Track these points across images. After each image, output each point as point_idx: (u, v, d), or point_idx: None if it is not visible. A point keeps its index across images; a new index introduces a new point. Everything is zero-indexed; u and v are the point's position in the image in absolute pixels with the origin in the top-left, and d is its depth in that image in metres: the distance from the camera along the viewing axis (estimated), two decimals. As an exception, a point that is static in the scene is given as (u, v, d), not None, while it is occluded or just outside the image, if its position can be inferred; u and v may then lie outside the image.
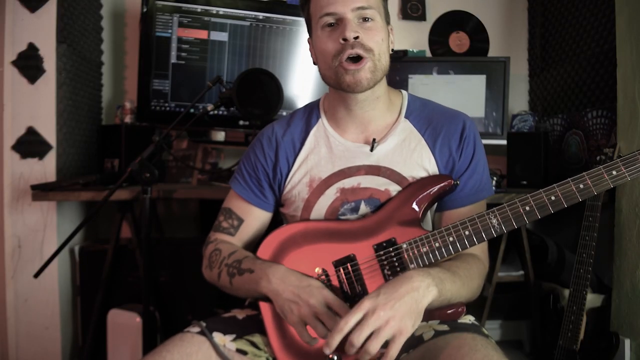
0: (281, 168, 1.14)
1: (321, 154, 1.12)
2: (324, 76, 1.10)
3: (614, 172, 0.93)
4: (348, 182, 1.09)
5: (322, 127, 1.15)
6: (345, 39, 1.01)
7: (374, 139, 1.10)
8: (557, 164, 2.08)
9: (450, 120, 1.11)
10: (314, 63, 1.13)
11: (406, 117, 1.13)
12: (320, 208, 1.10)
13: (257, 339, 1.05)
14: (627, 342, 1.63)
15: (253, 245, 1.18)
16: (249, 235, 1.18)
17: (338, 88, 1.07)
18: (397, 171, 1.08)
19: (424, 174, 1.08)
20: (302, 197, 1.11)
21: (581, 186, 0.94)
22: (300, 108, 1.22)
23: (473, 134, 1.11)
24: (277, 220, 1.23)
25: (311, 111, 1.18)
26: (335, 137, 1.13)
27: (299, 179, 1.12)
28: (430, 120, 1.13)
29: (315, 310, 0.93)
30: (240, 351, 1.01)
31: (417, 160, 1.09)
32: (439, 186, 1.04)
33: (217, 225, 1.19)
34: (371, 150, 1.09)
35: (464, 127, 1.10)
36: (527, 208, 0.95)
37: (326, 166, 1.11)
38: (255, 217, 1.18)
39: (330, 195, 1.09)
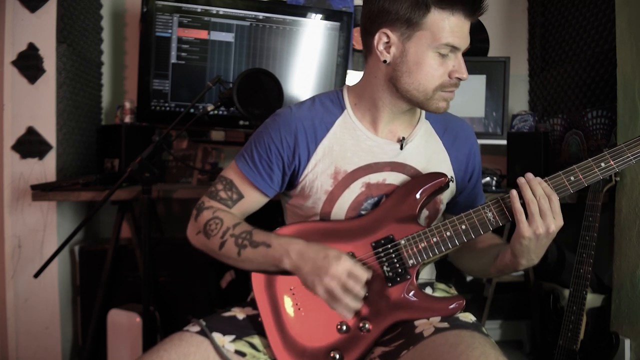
0: (300, 154, 1.09)
1: (346, 146, 1.09)
2: (407, 90, 1.03)
3: (603, 164, 0.96)
4: (374, 177, 1.08)
5: (348, 118, 1.11)
6: (460, 79, 1.03)
7: (403, 137, 1.11)
8: (557, 164, 2.08)
9: (462, 126, 1.19)
10: (384, 61, 1.03)
11: (426, 118, 1.16)
12: (344, 202, 1.08)
13: (256, 340, 1.05)
14: (627, 342, 1.63)
15: None
16: (243, 213, 1.14)
17: (420, 104, 1.06)
18: (419, 170, 1.10)
19: None
20: (325, 189, 1.08)
21: (572, 178, 0.97)
22: (317, 96, 1.16)
23: (476, 145, 1.20)
24: (270, 216, 1.21)
25: (332, 101, 1.14)
26: (363, 131, 1.10)
27: (323, 169, 1.09)
28: (446, 124, 1.17)
29: (338, 280, 0.95)
30: (239, 352, 1.01)
31: (436, 162, 1.13)
32: (433, 183, 1.05)
33: (214, 192, 1.13)
34: (401, 148, 1.10)
35: (473, 136, 1.20)
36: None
37: (352, 159, 1.09)
38: (255, 198, 1.13)
39: (355, 190, 1.08)
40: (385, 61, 1.03)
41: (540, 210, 0.94)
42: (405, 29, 1.00)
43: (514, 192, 0.96)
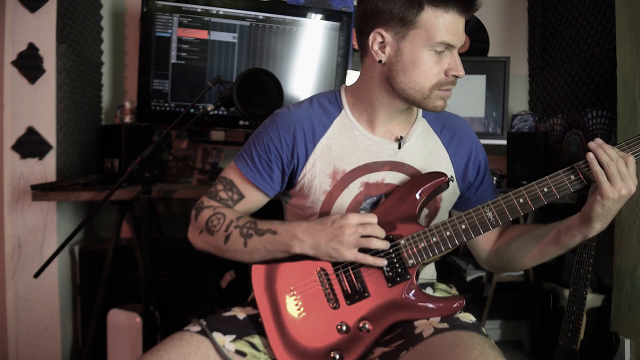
0: (299, 153, 1.09)
1: (344, 145, 1.09)
2: (403, 89, 1.03)
3: None
4: (372, 177, 1.09)
5: (346, 118, 1.11)
6: (456, 76, 1.02)
7: (400, 137, 1.10)
8: (557, 164, 2.08)
9: (459, 123, 1.17)
10: (380, 61, 1.03)
11: (423, 116, 1.16)
12: (343, 202, 1.08)
13: (256, 340, 1.05)
14: (627, 342, 1.63)
15: None
16: (244, 213, 1.14)
17: (417, 103, 1.05)
18: (418, 169, 1.10)
19: None
20: (324, 189, 1.09)
21: (572, 177, 0.97)
22: (315, 96, 1.16)
23: (477, 139, 1.18)
24: (270, 216, 1.21)
25: (330, 101, 1.14)
26: (361, 131, 1.10)
27: (321, 169, 1.09)
28: (443, 121, 1.16)
29: (356, 233, 0.98)
30: (239, 352, 1.01)
31: (435, 160, 1.12)
32: (433, 182, 1.05)
33: (214, 193, 1.13)
34: (399, 147, 1.10)
35: (472, 132, 1.18)
36: (521, 200, 0.99)
37: (350, 158, 1.09)
38: (256, 198, 1.14)
39: (354, 189, 1.08)
40: (380, 61, 1.03)
41: (620, 172, 0.93)
42: (399, 28, 0.99)
43: (590, 154, 0.95)
